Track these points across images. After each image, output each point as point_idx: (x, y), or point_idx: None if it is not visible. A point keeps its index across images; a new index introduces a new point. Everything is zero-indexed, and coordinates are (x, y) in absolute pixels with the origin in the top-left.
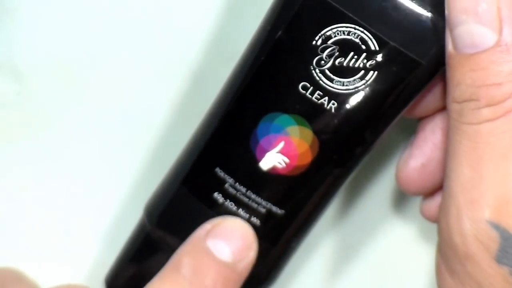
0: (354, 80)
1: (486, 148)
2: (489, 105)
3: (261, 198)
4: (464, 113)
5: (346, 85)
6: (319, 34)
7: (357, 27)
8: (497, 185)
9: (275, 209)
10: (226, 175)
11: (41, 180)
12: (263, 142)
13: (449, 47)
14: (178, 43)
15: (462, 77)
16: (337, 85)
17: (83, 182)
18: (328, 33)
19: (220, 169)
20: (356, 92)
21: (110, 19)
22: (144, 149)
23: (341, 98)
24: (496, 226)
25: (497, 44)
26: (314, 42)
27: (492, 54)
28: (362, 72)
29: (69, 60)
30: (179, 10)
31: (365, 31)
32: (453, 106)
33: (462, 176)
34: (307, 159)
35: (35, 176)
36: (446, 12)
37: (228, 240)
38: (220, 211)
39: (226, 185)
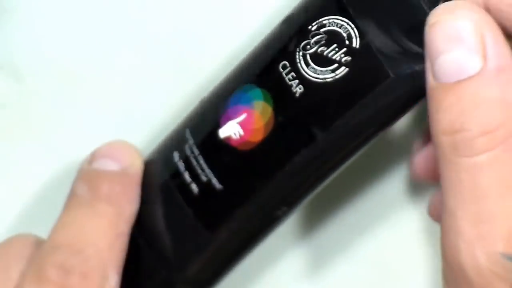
0: (326, 70)
1: (488, 181)
2: (483, 133)
3: (206, 165)
4: (458, 146)
5: (317, 74)
6: (317, 21)
7: (350, 22)
8: (507, 217)
9: (214, 181)
10: (190, 136)
11: (42, 180)
12: (230, 110)
13: (430, 79)
14: (179, 43)
15: (449, 107)
16: (310, 71)
17: None
18: (324, 22)
19: (189, 130)
20: (323, 83)
21: (111, 19)
22: (145, 149)
23: (308, 85)
24: (511, 258)
25: (483, 70)
26: (310, 27)
27: (478, 80)
28: (336, 65)
29: (70, 61)
30: (180, 10)
31: (354, 29)
32: (444, 140)
33: (469, 213)
34: (258, 136)
35: (35, 176)
36: (427, 42)
37: (110, 156)
38: (171, 169)
39: (186, 146)
